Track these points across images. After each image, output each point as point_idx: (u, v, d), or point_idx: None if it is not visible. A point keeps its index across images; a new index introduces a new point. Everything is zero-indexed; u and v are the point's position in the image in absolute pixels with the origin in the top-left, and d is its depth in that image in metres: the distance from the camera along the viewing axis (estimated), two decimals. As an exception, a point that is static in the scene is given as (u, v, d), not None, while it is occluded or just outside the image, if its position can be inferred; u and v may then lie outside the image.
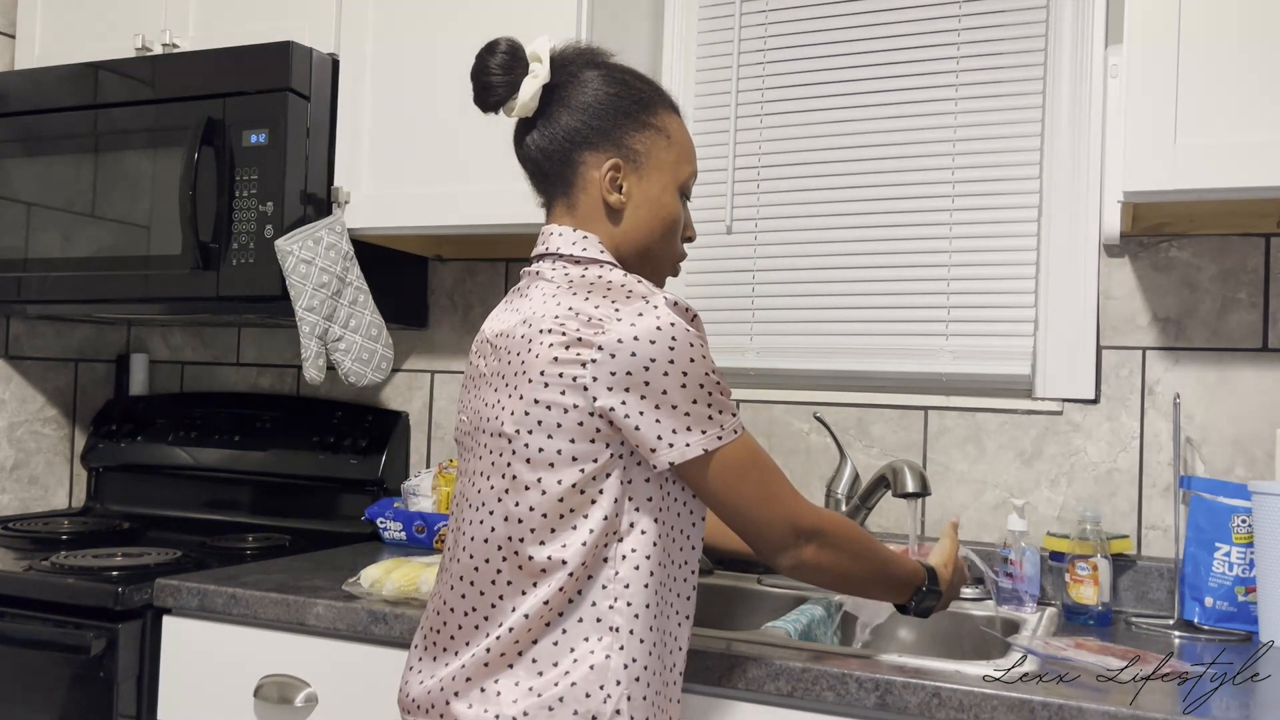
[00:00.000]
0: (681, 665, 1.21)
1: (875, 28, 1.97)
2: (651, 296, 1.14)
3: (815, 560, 1.19)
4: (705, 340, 1.16)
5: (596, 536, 1.12)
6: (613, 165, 1.22)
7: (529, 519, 1.14)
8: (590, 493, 1.13)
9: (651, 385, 1.10)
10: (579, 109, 1.22)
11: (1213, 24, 1.44)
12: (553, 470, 1.13)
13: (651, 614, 1.14)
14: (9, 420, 2.33)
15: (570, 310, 1.14)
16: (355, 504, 2.23)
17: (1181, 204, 1.53)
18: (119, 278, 2.00)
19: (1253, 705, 1.20)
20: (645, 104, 1.25)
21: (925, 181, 1.93)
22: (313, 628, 1.58)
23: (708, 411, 1.13)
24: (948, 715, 1.22)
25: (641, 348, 1.10)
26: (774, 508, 1.17)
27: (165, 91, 1.98)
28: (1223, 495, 1.62)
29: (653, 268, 1.28)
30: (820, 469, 1.98)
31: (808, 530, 1.18)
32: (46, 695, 1.68)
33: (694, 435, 1.12)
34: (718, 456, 1.14)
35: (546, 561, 1.13)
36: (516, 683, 1.13)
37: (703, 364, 1.13)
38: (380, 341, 2.00)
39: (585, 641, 1.12)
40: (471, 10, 1.89)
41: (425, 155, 1.93)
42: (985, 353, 1.88)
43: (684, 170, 1.28)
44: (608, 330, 1.11)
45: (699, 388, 1.12)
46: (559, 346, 1.12)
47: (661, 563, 1.15)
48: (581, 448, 1.12)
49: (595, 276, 1.17)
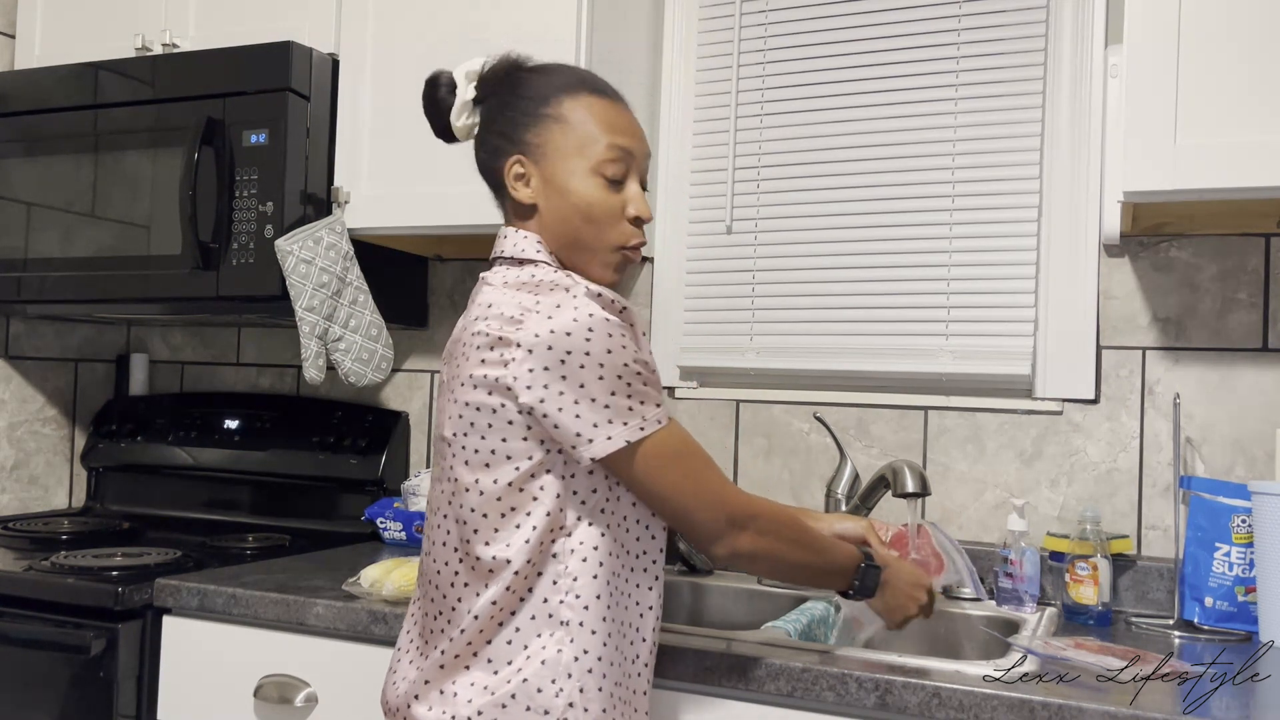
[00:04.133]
0: (647, 656, 1.20)
1: (875, 28, 1.97)
2: (573, 288, 1.14)
3: (751, 548, 1.19)
4: (629, 330, 1.16)
5: (540, 534, 1.13)
6: (514, 162, 1.23)
7: (473, 520, 1.16)
8: (530, 490, 1.14)
9: (569, 379, 1.11)
10: (488, 123, 1.26)
11: (1213, 24, 1.44)
12: (489, 470, 1.14)
13: (604, 605, 1.14)
14: (9, 420, 2.33)
15: (498, 311, 1.15)
16: (355, 504, 2.23)
17: (1181, 204, 1.53)
18: (119, 278, 2.00)
19: (1253, 705, 1.20)
20: (539, 97, 1.24)
21: (925, 181, 1.93)
22: (313, 628, 1.58)
23: (628, 403, 1.13)
24: (948, 715, 1.22)
25: (557, 340, 1.11)
26: (704, 496, 1.16)
27: (165, 91, 1.98)
28: (1223, 495, 1.62)
29: (589, 257, 1.24)
30: (820, 469, 1.98)
31: (741, 517, 1.18)
32: (46, 695, 1.68)
33: (615, 428, 1.12)
34: (643, 447, 1.14)
35: (493, 561, 1.14)
36: (472, 683, 1.14)
37: (622, 354, 1.12)
38: (380, 341, 2.00)
39: (538, 638, 1.13)
40: (471, 12, 1.89)
41: (425, 155, 1.93)
42: (985, 353, 1.88)
43: (594, 151, 1.22)
44: (525, 325, 1.12)
45: (617, 379, 1.12)
46: (485, 348, 1.14)
47: (613, 553, 1.16)
48: (514, 446, 1.13)
49: (528, 275, 1.18)
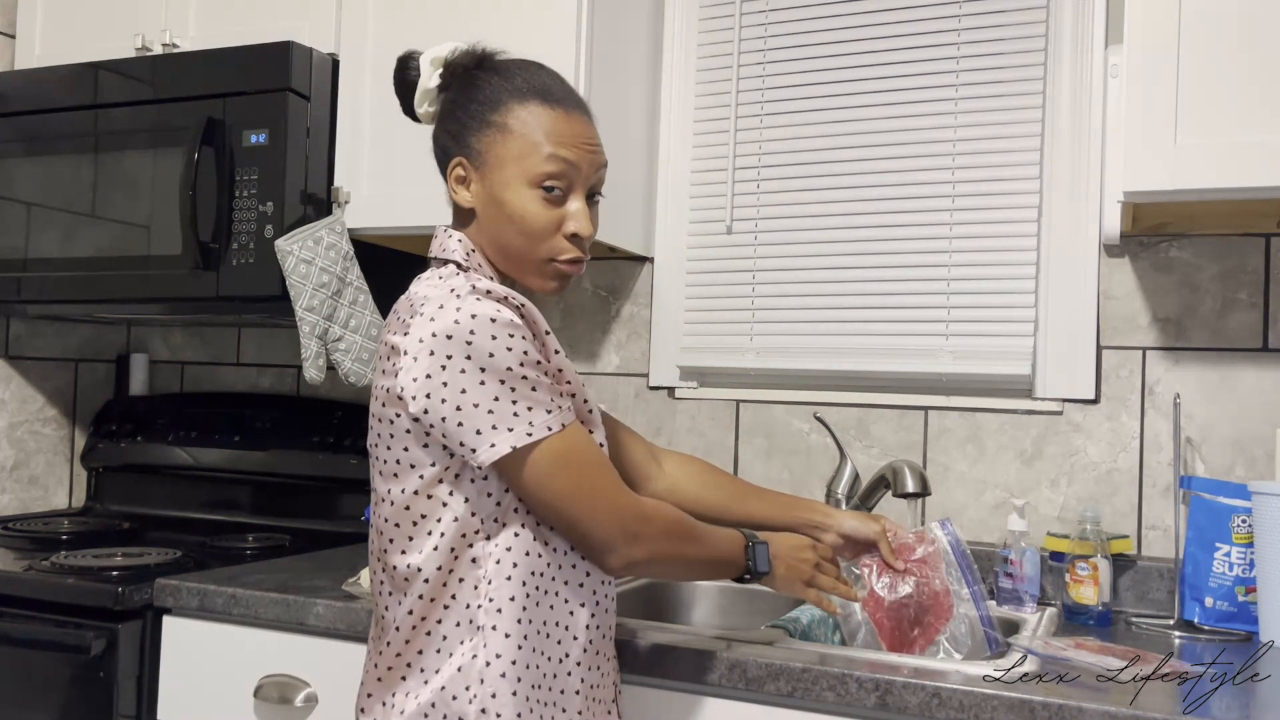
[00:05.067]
0: (579, 654, 1.16)
1: (875, 28, 1.97)
2: (459, 288, 1.11)
3: (646, 556, 1.16)
4: (521, 329, 1.10)
5: (450, 540, 1.12)
6: (456, 164, 1.22)
7: (387, 529, 1.16)
8: (439, 496, 1.12)
9: (450, 385, 1.08)
10: (442, 117, 1.25)
11: (1213, 24, 1.44)
12: (397, 480, 1.14)
13: (519, 607, 1.12)
14: (9, 420, 2.33)
15: (395, 317, 1.14)
16: (355, 504, 2.23)
17: (1182, 204, 1.53)
18: (119, 278, 2.00)
19: (1253, 705, 1.20)
20: (490, 102, 1.20)
21: (925, 181, 1.93)
22: (313, 628, 1.58)
23: (513, 408, 1.08)
24: (948, 715, 1.22)
25: (437, 344, 1.08)
26: (597, 506, 1.12)
27: (165, 91, 1.98)
28: (1223, 495, 1.62)
29: (520, 268, 1.22)
30: (820, 469, 1.98)
31: (634, 527, 1.14)
32: (46, 695, 1.68)
33: (499, 434, 1.08)
34: (531, 454, 1.09)
35: (407, 570, 1.14)
36: (408, 693, 1.14)
37: (507, 356, 1.08)
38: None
39: (461, 644, 1.12)
40: (471, 10, 1.89)
41: (425, 155, 1.91)
42: (985, 353, 1.88)
43: (531, 164, 1.18)
44: (411, 331, 1.10)
45: (500, 382, 1.08)
46: (383, 358, 1.14)
47: (534, 553, 1.13)
48: (416, 454, 1.12)
49: (435, 277, 1.17)
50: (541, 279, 1.22)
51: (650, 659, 1.36)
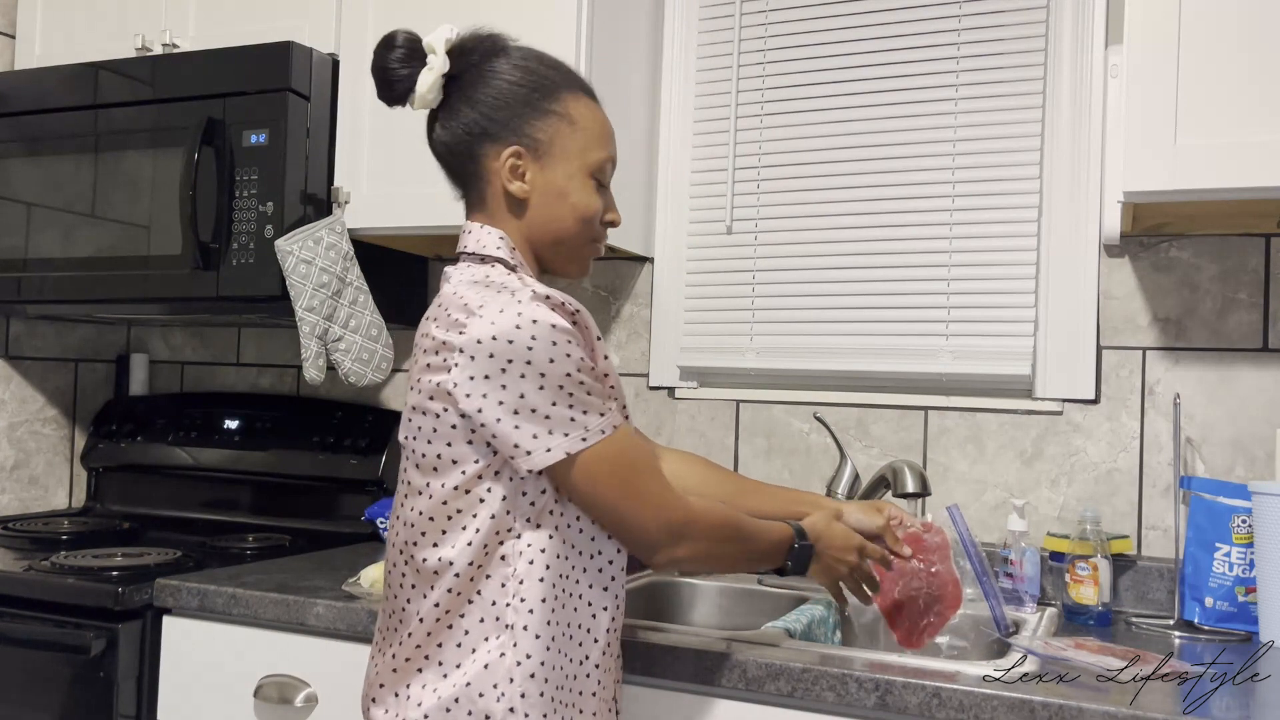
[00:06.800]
0: (599, 657, 1.18)
1: (875, 28, 1.97)
2: (519, 291, 1.11)
3: (689, 555, 1.18)
4: (578, 335, 1.12)
5: (484, 535, 1.12)
6: (513, 153, 1.20)
7: (419, 523, 1.15)
8: (476, 493, 1.12)
9: (508, 388, 1.08)
10: (478, 101, 1.20)
11: (1213, 24, 1.44)
12: (437, 475, 1.13)
13: (549, 609, 1.13)
14: (9, 420, 2.33)
15: (446, 313, 1.13)
16: (355, 504, 2.23)
17: (1181, 204, 1.53)
18: (119, 278, 2.00)
19: (1253, 705, 1.20)
20: (547, 90, 1.21)
21: (925, 182, 1.93)
22: (313, 628, 1.58)
23: (569, 413, 1.10)
24: (948, 715, 1.22)
25: (498, 347, 1.08)
26: (644, 508, 1.14)
27: (165, 91, 1.98)
28: (1223, 495, 1.62)
29: (567, 257, 1.25)
30: (820, 469, 1.98)
31: (678, 529, 1.16)
32: (46, 695, 1.68)
33: (555, 439, 1.09)
34: (582, 458, 1.11)
35: (437, 563, 1.13)
36: (424, 685, 1.13)
37: (565, 362, 1.09)
38: (380, 341, 2.00)
39: (485, 641, 1.12)
40: (472, 10, 1.89)
41: (425, 155, 1.93)
42: (985, 353, 1.88)
43: (593, 155, 1.23)
44: (467, 330, 1.10)
45: (558, 388, 1.09)
46: (430, 352, 1.13)
47: (562, 555, 1.14)
48: (459, 450, 1.12)
49: (483, 275, 1.16)
50: (580, 267, 1.27)
51: (650, 659, 1.36)
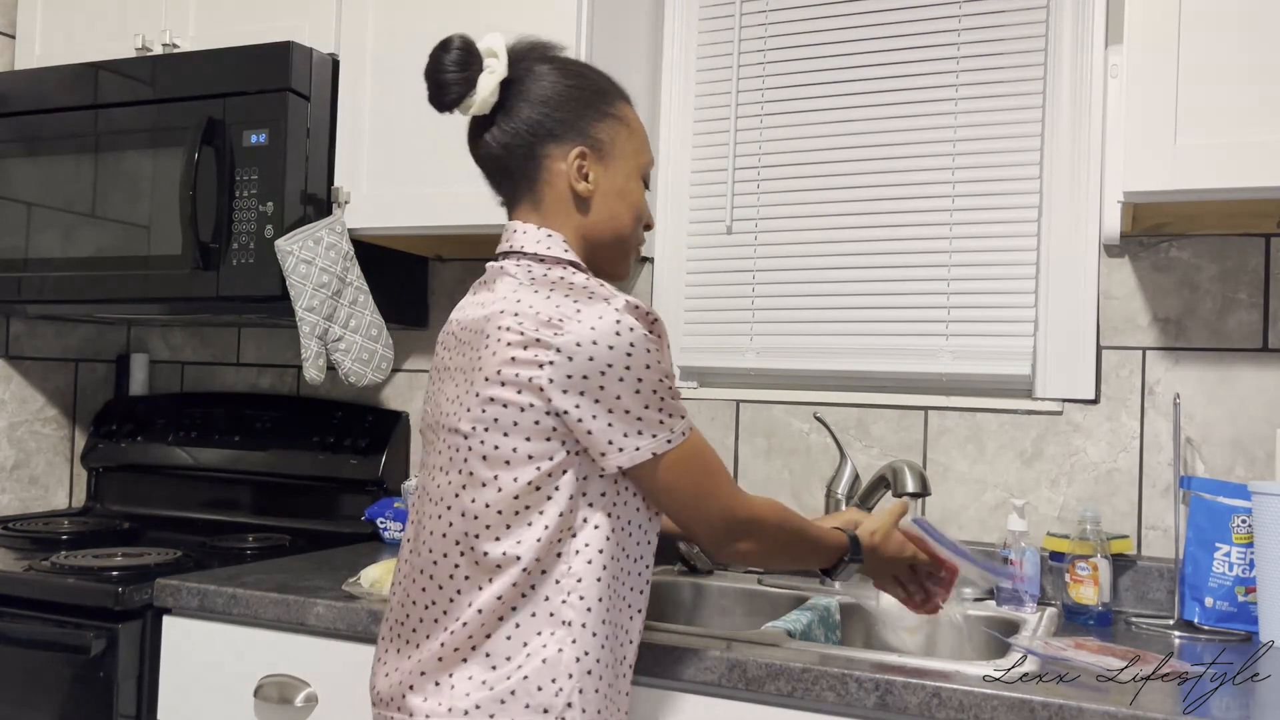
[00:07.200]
0: (632, 658, 1.22)
1: (875, 28, 1.97)
2: (612, 299, 1.15)
3: (752, 550, 1.25)
4: (663, 344, 1.18)
5: (551, 533, 1.14)
6: (579, 154, 1.23)
7: (485, 515, 1.15)
8: (546, 490, 1.14)
9: (606, 390, 1.13)
10: (540, 102, 1.23)
11: (1213, 24, 1.44)
12: (509, 468, 1.14)
13: (604, 608, 1.16)
14: (9, 420, 2.33)
15: (531, 309, 1.15)
16: (355, 504, 2.23)
17: (1181, 204, 1.53)
18: (119, 278, 2.00)
19: (1253, 705, 1.20)
20: (604, 94, 1.26)
21: (925, 181, 1.93)
22: (313, 628, 1.58)
23: (658, 416, 1.15)
24: (948, 715, 1.22)
25: (599, 351, 1.12)
26: (712, 506, 1.21)
27: (165, 91, 1.98)
28: (1223, 495, 1.62)
29: (620, 256, 1.30)
30: (820, 469, 1.98)
31: (743, 525, 1.23)
32: (46, 695, 1.68)
33: (644, 439, 1.15)
34: (665, 458, 1.17)
35: (501, 557, 1.14)
36: (470, 676, 1.14)
37: (657, 369, 1.15)
38: (380, 341, 2.00)
39: (539, 635, 1.14)
40: (472, 10, 1.89)
41: (425, 155, 1.93)
42: (985, 353, 1.88)
43: (644, 158, 1.30)
44: (566, 332, 1.12)
45: (652, 393, 1.15)
46: (517, 346, 1.14)
47: (615, 557, 1.18)
48: (537, 446, 1.14)
49: (558, 277, 1.19)
50: (626, 267, 1.32)
51: (650, 659, 1.36)
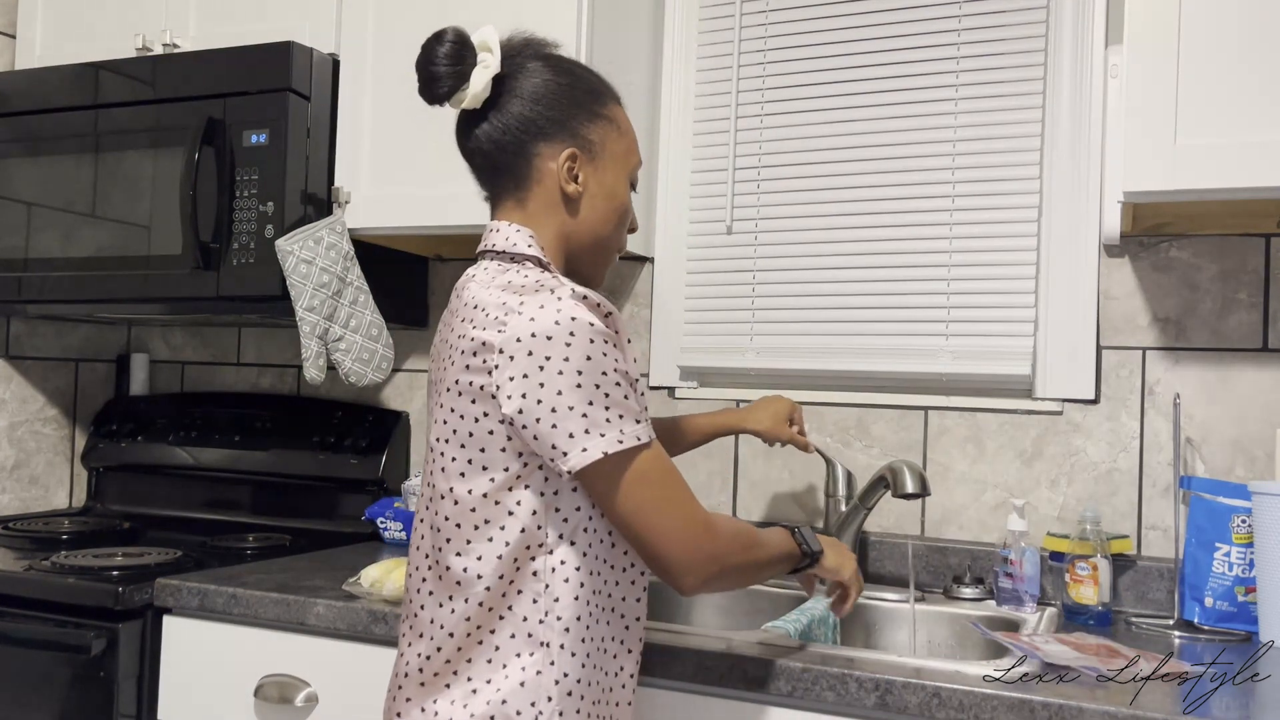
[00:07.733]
0: (632, 666, 1.19)
1: (875, 28, 1.97)
2: (558, 289, 1.10)
3: (718, 579, 1.14)
4: (613, 339, 1.11)
5: (514, 550, 1.10)
6: (570, 155, 1.20)
7: (445, 528, 1.13)
8: (506, 503, 1.10)
9: (546, 386, 1.06)
10: (532, 99, 1.20)
11: (1213, 24, 1.44)
12: (464, 480, 1.11)
13: (584, 626, 1.12)
14: (9, 420, 2.33)
15: (482, 312, 1.11)
16: (355, 504, 2.23)
17: (1181, 204, 1.53)
18: (119, 278, 2.00)
19: (1253, 705, 1.20)
20: (595, 94, 1.24)
21: (925, 181, 1.93)
22: (313, 628, 1.58)
23: (605, 415, 1.07)
24: (948, 715, 1.22)
25: (537, 344, 1.07)
26: (681, 527, 1.10)
27: (166, 91, 1.98)
28: (1223, 495, 1.62)
29: (603, 257, 1.28)
30: (820, 469, 1.97)
31: (711, 553, 1.12)
32: (46, 695, 1.68)
33: (591, 439, 1.06)
34: (620, 463, 1.08)
35: (462, 574, 1.11)
36: (453, 701, 1.12)
37: (601, 361, 1.08)
38: (380, 341, 2.00)
39: (517, 657, 1.10)
40: (472, 10, 1.89)
41: (425, 155, 1.93)
42: (985, 353, 1.88)
43: (633, 160, 1.28)
44: (507, 328, 1.08)
45: (595, 388, 1.07)
46: (469, 354, 1.10)
47: (596, 571, 1.13)
48: (492, 456, 1.10)
49: (515, 273, 1.14)
50: (604, 271, 1.30)
51: (650, 659, 1.36)
